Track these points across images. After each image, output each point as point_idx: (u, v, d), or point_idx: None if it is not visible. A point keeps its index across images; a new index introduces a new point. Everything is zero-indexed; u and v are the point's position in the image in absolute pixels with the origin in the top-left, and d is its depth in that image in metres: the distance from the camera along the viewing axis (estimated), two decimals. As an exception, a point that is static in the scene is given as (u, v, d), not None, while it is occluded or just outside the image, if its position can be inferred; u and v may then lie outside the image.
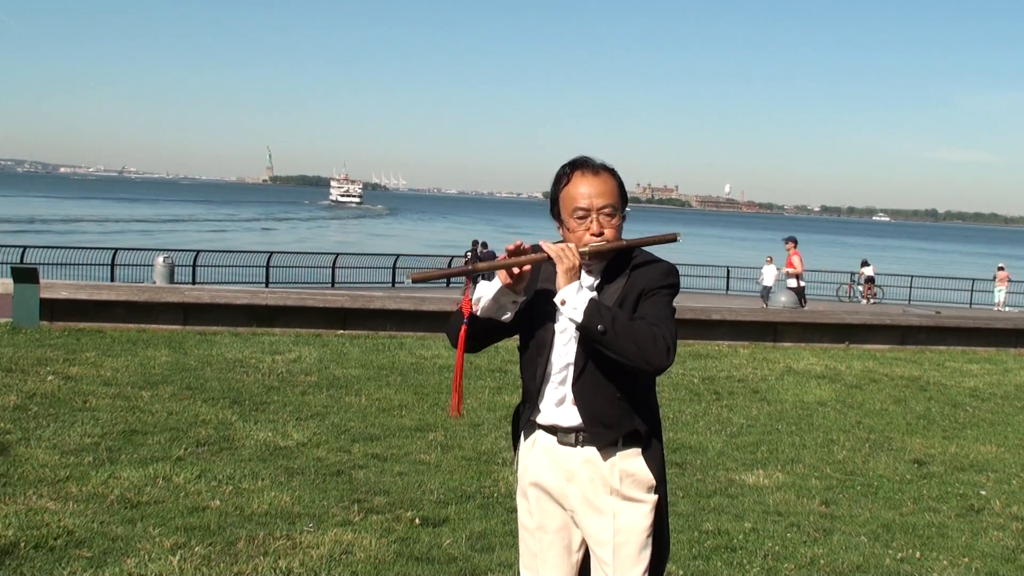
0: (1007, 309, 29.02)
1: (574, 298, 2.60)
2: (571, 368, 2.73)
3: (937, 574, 4.95)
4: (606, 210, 2.74)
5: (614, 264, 2.77)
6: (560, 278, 2.65)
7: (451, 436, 7.30)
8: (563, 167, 2.82)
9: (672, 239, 2.85)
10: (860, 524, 5.70)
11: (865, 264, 31.12)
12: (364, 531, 4.97)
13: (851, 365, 12.68)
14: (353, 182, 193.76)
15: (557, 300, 2.64)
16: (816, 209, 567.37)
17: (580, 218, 2.75)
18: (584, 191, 2.75)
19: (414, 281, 2.80)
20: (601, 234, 2.73)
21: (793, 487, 6.45)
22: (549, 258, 2.67)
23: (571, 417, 2.75)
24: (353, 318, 13.21)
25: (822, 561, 4.99)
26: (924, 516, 5.95)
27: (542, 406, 2.80)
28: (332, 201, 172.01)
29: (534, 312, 2.79)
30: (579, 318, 2.58)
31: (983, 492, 6.61)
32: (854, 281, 31.64)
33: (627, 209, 2.85)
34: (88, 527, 4.75)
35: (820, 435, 8.20)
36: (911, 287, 31.85)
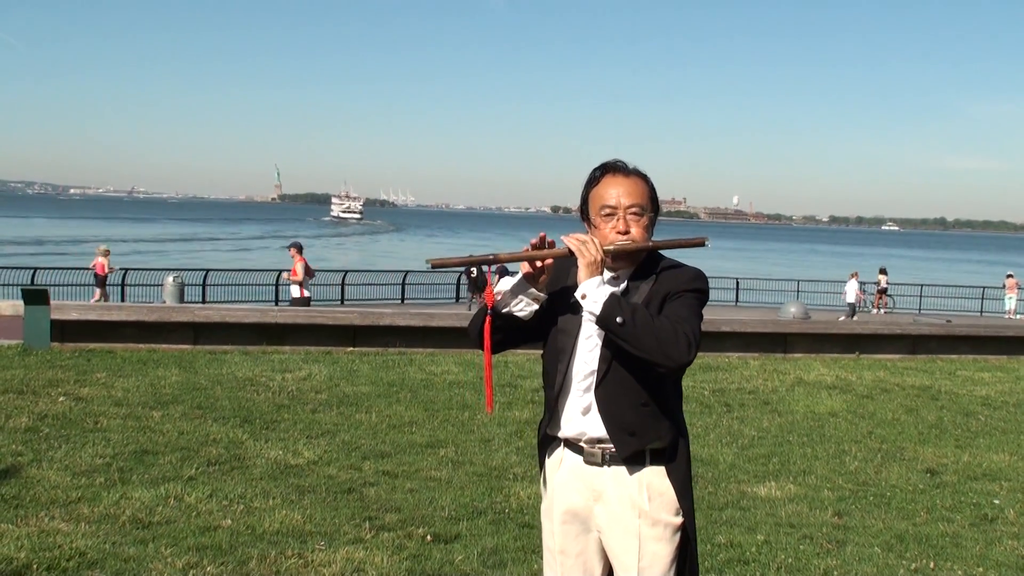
0: (1018, 317, 28.90)
1: (594, 292, 2.55)
2: (595, 375, 2.67)
3: (952, 585, 4.92)
4: (633, 209, 2.70)
5: (641, 269, 2.72)
6: (581, 272, 2.59)
7: (462, 452, 7.29)
8: (595, 169, 2.80)
9: (700, 243, 2.78)
10: (873, 535, 5.67)
11: (883, 272, 30.97)
12: (376, 548, 4.97)
13: (862, 375, 12.64)
14: (355, 198, 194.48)
15: (578, 295, 2.58)
16: (825, 219, 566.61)
17: (607, 215, 2.70)
18: (613, 191, 2.72)
19: (433, 266, 2.76)
20: (627, 233, 2.68)
21: (805, 499, 6.43)
22: (572, 254, 2.61)
23: (597, 426, 2.68)
24: (363, 335, 13.23)
25: (836, 573, 4.96)
26: (938, 526, 5.92)
27: (565, 417, 2.74)
28: (334, 217, 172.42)
29: (559, 319, 2.74)
30: (597, 311, 2.53)
31: (997, 501, 6.58)
32: (864, 291, 31.51)
33: (658, 217, 2.78)
34: (100, 548, 4.75)
35: (832, 446, 8.17)
36: (921, 296, 31.74)
